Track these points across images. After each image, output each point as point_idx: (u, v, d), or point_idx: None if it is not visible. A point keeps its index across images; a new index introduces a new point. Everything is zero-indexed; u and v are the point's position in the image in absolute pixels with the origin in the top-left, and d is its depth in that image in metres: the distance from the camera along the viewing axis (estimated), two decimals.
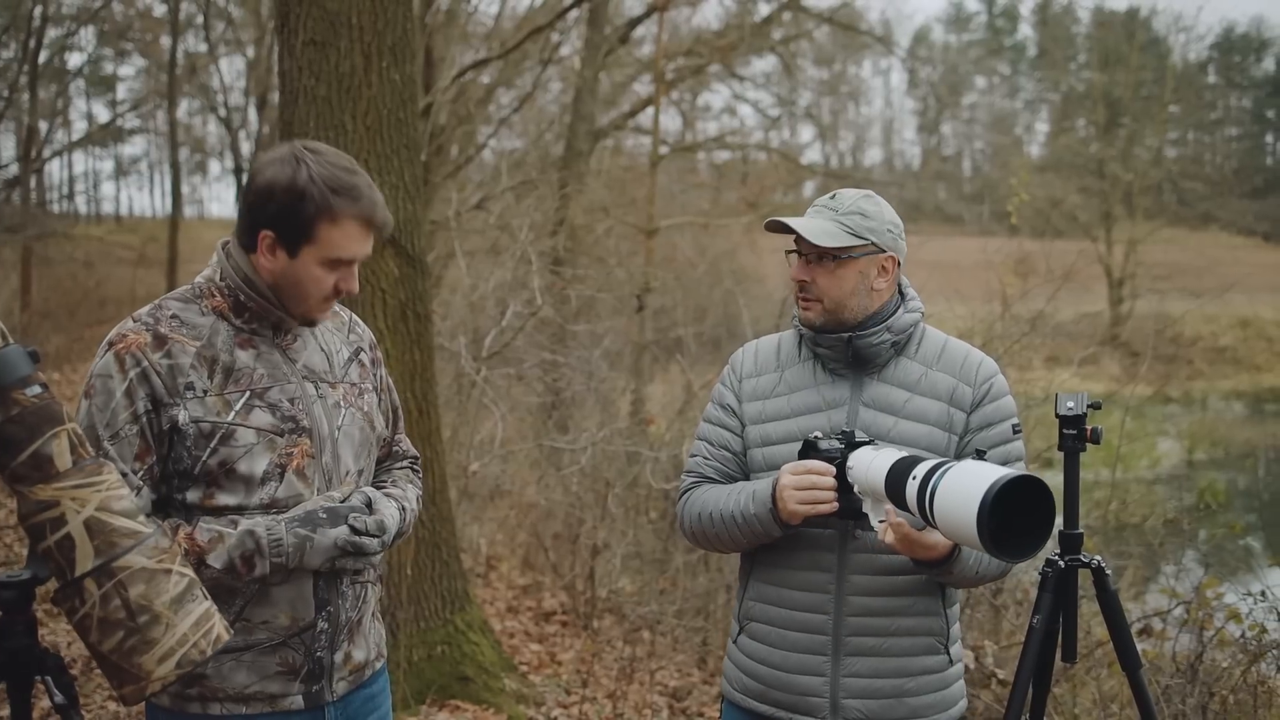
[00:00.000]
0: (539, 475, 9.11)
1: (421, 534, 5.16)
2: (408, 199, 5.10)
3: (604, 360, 10.76)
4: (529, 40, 14.95)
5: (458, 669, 5.21)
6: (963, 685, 2.65)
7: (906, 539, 2.29)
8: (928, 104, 50.86)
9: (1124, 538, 8.19)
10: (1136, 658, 2.65)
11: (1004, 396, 2.61)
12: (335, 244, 2.19)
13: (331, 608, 2.28)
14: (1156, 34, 43.48)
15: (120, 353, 2.14)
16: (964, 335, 8.67)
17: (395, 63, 5.03)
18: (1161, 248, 33.33)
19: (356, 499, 2.26)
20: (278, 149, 2.25)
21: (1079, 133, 42.25)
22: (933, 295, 12.40)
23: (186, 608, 1.80)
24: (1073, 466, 2.69)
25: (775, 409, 2.62)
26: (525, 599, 7.81)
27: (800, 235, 2.53)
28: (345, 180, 2.18)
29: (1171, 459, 18.63)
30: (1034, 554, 2.10)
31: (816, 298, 2.56)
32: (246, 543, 2.13)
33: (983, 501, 1.98)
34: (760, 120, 28.01)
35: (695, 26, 21.89)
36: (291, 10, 4.93)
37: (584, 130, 16.38)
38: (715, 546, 2.70)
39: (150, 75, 32.14)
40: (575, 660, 6.34)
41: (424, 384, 5.22)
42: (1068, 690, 5.56)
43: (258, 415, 2.19)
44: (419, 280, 5.19)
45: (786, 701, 2.57)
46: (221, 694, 2.22)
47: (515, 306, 8.11)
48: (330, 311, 2.35)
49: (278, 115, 5.47)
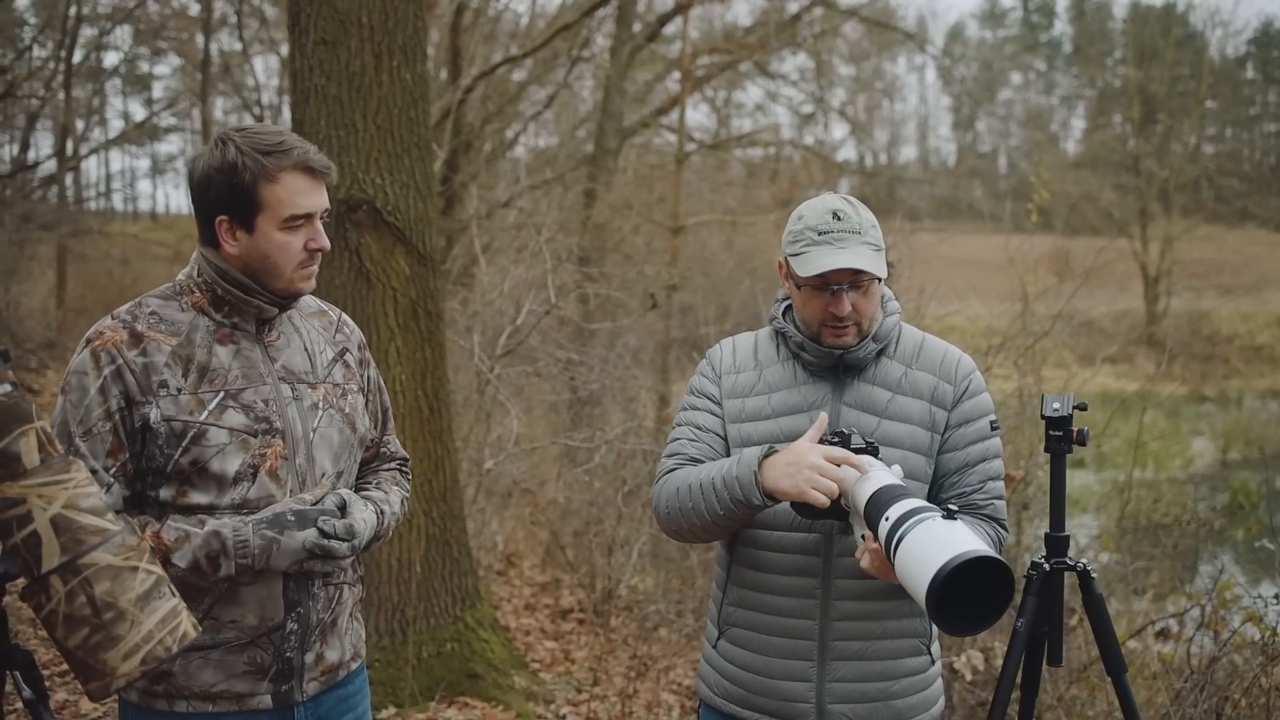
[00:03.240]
0: (557, 473, 9.11)
1: (432, 531, 5.18)
2: (419, 198, 5.12)
3: (628, 358, 10.75)
4: (558, 38, 14.97)
5: (467, 666, 5.22)
6: (941, 684, 2.63)
7: (882, 567, 2.22)
8: (962, 101, 50.51)
9: (1153, 537, 8.11)
10: (1122, 663, 2.62)
11: (981, 393, 2.58)
12: (284, 202, 2.21)
13: (302, 609, 2.29)
14: (1193, 29, 43.04)
15: (96, 350, 2.16)
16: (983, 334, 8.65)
17: (406, 62, 5.05)
18: (1198, 245, 32.95)
19: (330, 501, 2.25)
20: (207, 143, 2.28)
21: (1115, 129, 41.86)
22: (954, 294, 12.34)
23: (153, 605, 1.82)
24: (1059, 468, 2.67)
25: (755, 408, 2.59)
26: (543, 596, 7.82)
27: (867, 271, 2.41)
28: (271, 140, 2.22)
29: (1205, 458, 18.40)
30: (983, 629, 2.07)
31: (855, 323, 2.49)
32: (212, 543, 2.14)
33: (934, 577, 1.95)
34: (794, 117, 27.94)
35: (727, 23, 21.89)
36: (302, 10, 4.97)
37: (612, 128, 16.38)
38: (687, 526, 2.52)
39: (185, 74, 32.38)
40: (589, 658, 6.34)
41: (435, 382, 5.23)
42: (1084, 692, 5.53)
43: (231, 415, 2.21)
44: (430, 278, 5.21)
45: (770, 707, 2.55)
46: (188, 692, 2.23)
47: (530, 304, 8.11)
48: (312, 279, 2.34)
49: (290, 114, 5.51)
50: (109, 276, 23.53)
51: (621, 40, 16.33)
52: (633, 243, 15.70)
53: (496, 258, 10.74)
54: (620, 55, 16.15)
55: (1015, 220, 18.52)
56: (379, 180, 4.98)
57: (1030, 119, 55.81)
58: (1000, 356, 7.35)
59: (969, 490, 2.54)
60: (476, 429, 8.19)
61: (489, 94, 15.74)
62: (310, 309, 2.47)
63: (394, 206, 5.01)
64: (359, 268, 4.97)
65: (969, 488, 2.54)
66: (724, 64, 19.18)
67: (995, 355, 7.36)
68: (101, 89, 29.99)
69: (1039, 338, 7.40)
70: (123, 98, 42.26)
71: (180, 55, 30.96)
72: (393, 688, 5.00)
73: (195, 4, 25.64)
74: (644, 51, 17.77)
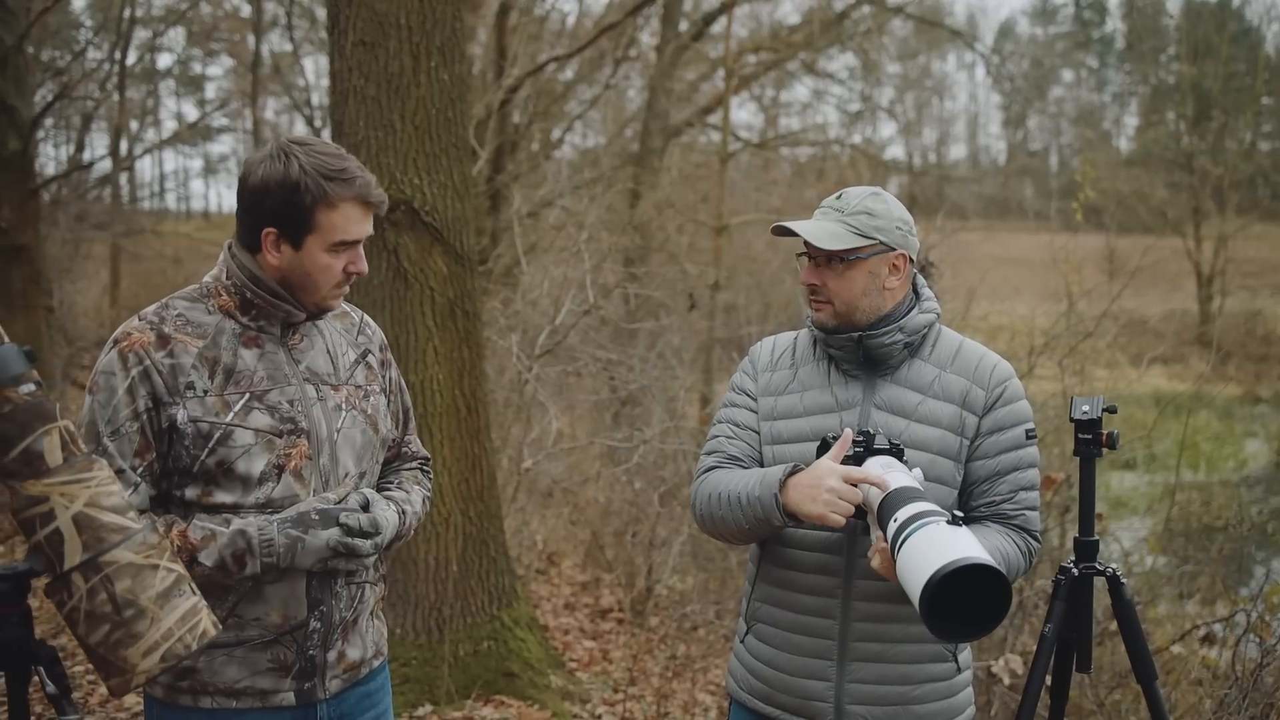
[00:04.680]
0: (596, 472, 9.12)
1: (469, 530, 5.21)
2: (456, 198, 5.15)
3: (671, 357, 10.75)
4: (603, 37, 14.99)
5: (503, 664, 5.24)
6: (970, 693, 2.60)
7: (888, 567, 2.22)
8: (1012, 98, 49.99)
9: (1203, 540, 8.00)
10: (1152, 669, 2.58)
11: (1017, 401, 2.55)
12: (337, 228, 2.24)
13: (325, 607, 2.31)
14: (1249, 23, 42.34)
15: (124, 350, 2.19)
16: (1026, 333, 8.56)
17: (444, 62, 5.07)
18: (1252, 243, 32.40)
19: (354, 500, 2.27)
20: (264, 148, 2.29)
21: (1168, 126, 41.22)
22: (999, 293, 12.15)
23: (173, 603, 1.83)
24: (1088, 472, 2.63)
25: (787, 406, 2.59)
26: (583, 595, 7.83)
27: (813, 244, 2.49)
28: (336, 165, 2.23)
29: (1259, 460, 18.09)
30: (972, 639, 2.08)
31: (828, 300, 2.53)
32: (238, 542, 2.16)
33: (928, 581, 1.95)
34: (842, 116, 27.76)
35: (775, 21, 21.80)
36: (341, 11, 5.01)
37: (657, 127, 16.38)
38: (721, 532, 2.60)
39: (237, 75, 32.74)
40: (626, 658, 6.35)
41: (473, 381, 5.26)
42: (1127, 698, 5.46)
43: (256, 417, 2.23)
44: (468, 278, 5.23)
45: (791, 704, 2.55)
46: (212, 688, 2.26)
47: (569, 304, 8.12)
48: (343, 296, 2.37)
49: (329, 115, 5.55)
50: (162, 275, 23.83)
51: (666, 39, 16.33)
52: (677, 242, 15.69)
53: (541, 257, 10.78)
54: (664, 54, 16.14)
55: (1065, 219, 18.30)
56: (416, 180, 5.01)
57: (1082, 116, 55.13)
58: (1044, 357, 7.27)
59: (999, 499, 2.51)
60: (516, 428, 8.22)
61: (536, 93, 15.79)
62: (333, 310, 2.48)
63: (432, 206, 5.03)
64: (397, 267, 5.00)
65: (999, 497, 2.51)
66: (770, 63, 19.12)
67: (1039, 355, 7.28)
68: (155, 90, 30.45)
69: (1084, 337, 7.31)
70: (176, 98, 42.75)
71: (232, 56, 31.33)
72: (429, 686, 5.02)
73: (246, 5, 25.94)
74: (690, 50, 17.76)
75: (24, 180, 13.11)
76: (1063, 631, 2.57)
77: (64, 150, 30.54)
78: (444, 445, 5.12)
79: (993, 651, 5.31)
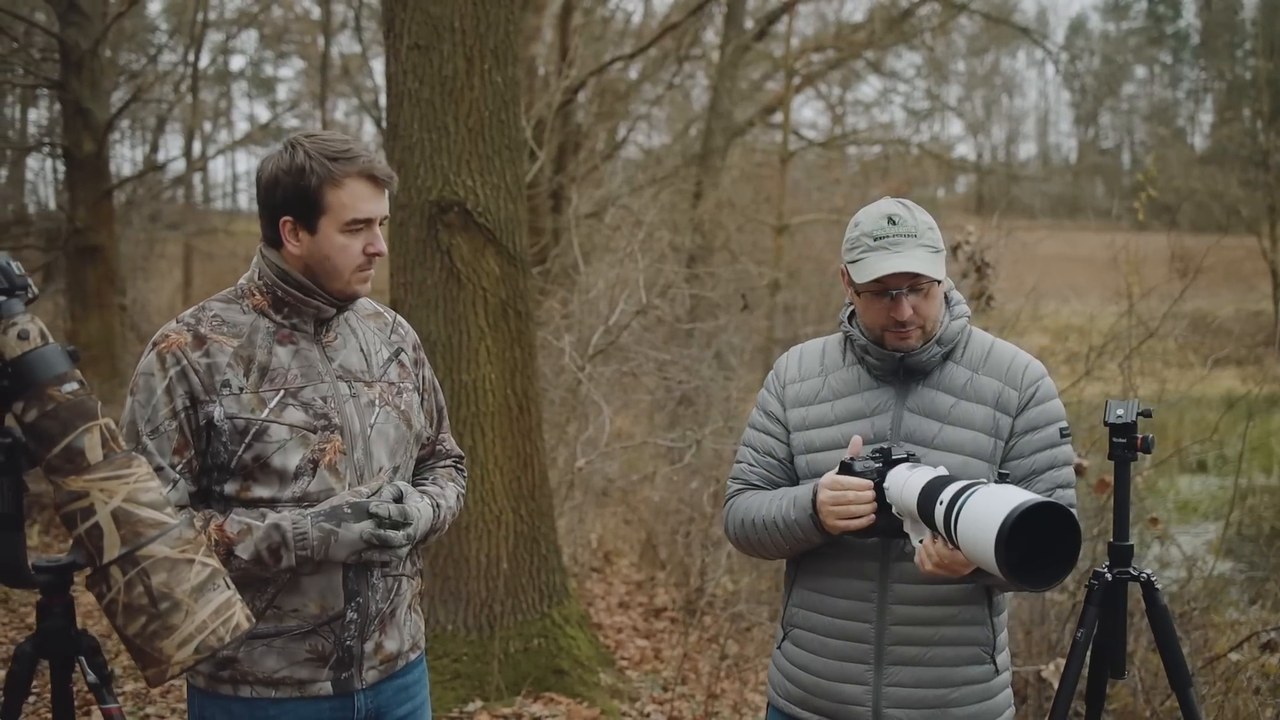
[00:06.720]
0: (652, 471, 9.14)
1: (520, 528, 5.26)
2: (509, 199, 5.20)
3: (731, 357, 10.74)
4: (666, 37, 15.01)
5: (553, 662, 5.28)
6: (1009, 695, 2.59)
7: (943, 564, 2.23)
8: (1083, 96, 49.23)
9: (1272, 545, 7.86)
10: (1186, 676, 2.56)
11: (1051, 400, 2.53)
12: (347, 206, 2.30)
13: (361, 599, 2.36)
14: None
15: (162, 352, 2.27)
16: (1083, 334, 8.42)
17: (497, 65, 5.13)
18: None
19: (387, 493, 2.33)
20: (276, 146, 2.38)
21: (1243, 123, 40.36)
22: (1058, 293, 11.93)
23: (207, 596, 1.89)
24: (1123, 476, 2.61)
25: (819, 415, 2.59)
26: (638, 594, 7.86)
27: (925, 275, 2.40)
28: (338, 147, 2.32)
29: None
30: (1057, 583, 2.07)
31: (919, 326, 2.48)
32: (273, 535, 2.22)
33: (1000, 529, 1.95)
34: (909, 115, 27.55)
35: (840, 20, 21.70)
36: (397, 15, 5.08)
37: (720, 127, 16.38)
38: (760, 553, 2.66)
39: (308, 76, 33.18)
40: (678, 657, 6.37)
41: (525, 380, 5.30)
42: None
43: (291, 413, 2.29)
44: (520, 278, 5.28)
45: (829, 709, 2.56)
46: (251, 677, 2.32)
47: (624, 304, 8.15)
48: (369, 283, 2.42)
49: (385, 117, 5.63)
50: (233, 274, 24.01)
51: (729, 38, 16.31)
52: (739, 241, 15.67)
53: (603, 256, 10.82)
54: (726, 53, 16.13)
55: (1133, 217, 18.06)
56: (470, 182, 5.07)
57: (1155, 113, 54.14)
58: (1104, 358, 7.18)
59: None
60: (572, 427, 8.27)
61: (599, 92, 15.85)
62: (366, 310, 2.55)
63: (485, 208, 5.09)
64: (450, 268, 5.06)
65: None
66: (833, 61, 19.03)
67: (1098, 357, 7.19)
68: (228, 92, 30.89)
69: (1145, 338, 7.20)
70: (248, 100, 43.39)
71: (303, 58, 31.76)
72: (479, 682, 5.08)
73: (316, 8, 26.26)
74: (753, 50, 17.72)
75: (99, 181, 13.43)
76: (1097, 636, 2.55)
77: (139, 151, 31.21)
78: (496, 444, 5.18)
79: (1040, 658, 5.26)
